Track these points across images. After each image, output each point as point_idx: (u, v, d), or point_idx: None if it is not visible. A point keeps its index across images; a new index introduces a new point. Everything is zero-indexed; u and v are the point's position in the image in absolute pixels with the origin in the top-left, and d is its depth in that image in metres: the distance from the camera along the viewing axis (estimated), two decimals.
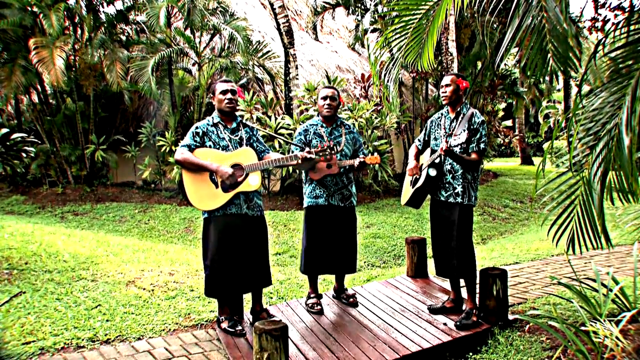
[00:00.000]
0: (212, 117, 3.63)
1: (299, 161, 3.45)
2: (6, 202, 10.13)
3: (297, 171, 9.70)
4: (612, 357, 2.62)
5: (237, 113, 3.71)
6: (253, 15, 14.27)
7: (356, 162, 3.81)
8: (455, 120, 3.71)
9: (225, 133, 3.57)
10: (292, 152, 3.82)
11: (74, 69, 10.90)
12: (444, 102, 3.75)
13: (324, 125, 4.03)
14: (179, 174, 10.26)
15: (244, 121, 3.70)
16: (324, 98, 3.98)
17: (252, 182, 3.43)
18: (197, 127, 3.55)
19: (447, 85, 3.68)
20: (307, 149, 3.53)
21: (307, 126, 4.05)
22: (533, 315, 3.51)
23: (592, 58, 2.79)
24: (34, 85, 10.77)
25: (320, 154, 3.50)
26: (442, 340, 3.41)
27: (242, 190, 3.43)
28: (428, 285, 4.56)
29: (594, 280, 3.47)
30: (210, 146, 3.51)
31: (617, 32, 2.96)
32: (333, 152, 3.53)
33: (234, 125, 3.63)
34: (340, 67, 14.46)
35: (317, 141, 3.95)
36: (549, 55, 2.68)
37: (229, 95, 3.53)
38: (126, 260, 5.45)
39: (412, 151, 3.99)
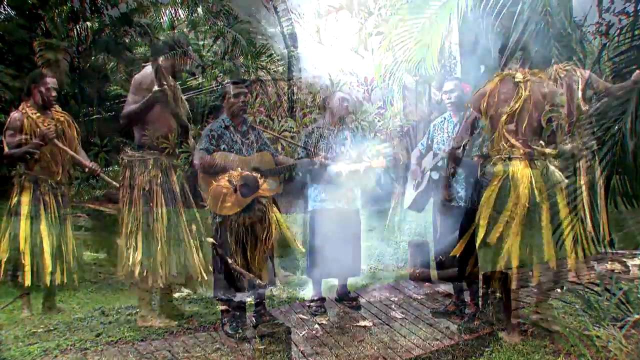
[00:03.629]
0: (223, 120, 3.56)
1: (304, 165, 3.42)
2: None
3: (300, 173, 9.68)
4: None
5: None
6: (256, 18, 14.28)
7: (362, 167, 3.81)
8: (458, 124, 3.71)
9: (237, 136, 3.52)
10: (299, 154, 3.86)
11: (77, 70, 10.94)
12: (448, 108, 3.76)
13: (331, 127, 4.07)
14: (180, 175, 10.25)
15: (250, 124, 3.66)
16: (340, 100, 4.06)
17: (270, 187, 3.40)
18: (212, 130, 3.49)
19: (451, 91, 3.69)
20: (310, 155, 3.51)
21: (312, 129, 4.08)
22: (536, 319, 3.50)
23: (596, 62, 2.80)
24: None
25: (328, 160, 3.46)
26: (445, 344, 3.40)
27: (260, 194, 3.39)
28: (431, 289, 4.55)
29: (598, 285, 3.46)
30: (224, 149, 3.47)
31: (621, 37, 2.96)
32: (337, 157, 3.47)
33: (244, 128, 3.58)
34: (344, 70, 14.46)
35: (323, 143, 3.97)
36: (553, 59, 2.69)
37: (242, 99, 3.48)
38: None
39: (414, 155, 3.99)
